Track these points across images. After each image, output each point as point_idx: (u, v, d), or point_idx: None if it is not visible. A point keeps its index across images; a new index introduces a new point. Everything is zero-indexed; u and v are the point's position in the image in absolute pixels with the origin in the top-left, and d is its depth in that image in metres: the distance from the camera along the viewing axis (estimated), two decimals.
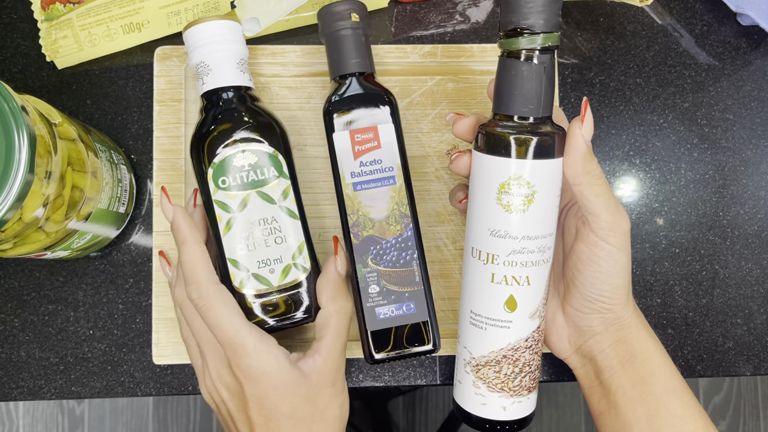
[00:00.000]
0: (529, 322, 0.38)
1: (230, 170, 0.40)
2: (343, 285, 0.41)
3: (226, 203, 0.40)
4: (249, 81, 0.42)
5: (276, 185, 0.40)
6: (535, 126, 0.36)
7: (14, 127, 0.33)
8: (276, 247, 0.40)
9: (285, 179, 0.41)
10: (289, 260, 0.40)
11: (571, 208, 0.41)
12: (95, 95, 0.49)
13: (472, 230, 0.38)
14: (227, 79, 0.41)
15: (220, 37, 0.41)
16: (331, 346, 0.39)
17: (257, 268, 0.40)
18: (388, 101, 0.41)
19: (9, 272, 0.48)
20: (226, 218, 0.40)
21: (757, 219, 0.51)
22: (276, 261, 0.40)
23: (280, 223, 0.40)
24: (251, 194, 0.40)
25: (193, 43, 0.41)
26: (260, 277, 0.40)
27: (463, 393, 0.40)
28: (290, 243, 0.40)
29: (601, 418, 0.40)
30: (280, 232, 0.40)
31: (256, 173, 0.40)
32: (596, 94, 0.51)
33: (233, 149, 0.40)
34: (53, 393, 0.47)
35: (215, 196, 0.40)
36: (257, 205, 0.40)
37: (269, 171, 0.40)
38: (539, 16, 0.34)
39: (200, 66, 0.41)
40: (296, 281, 0.40)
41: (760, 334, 0.50)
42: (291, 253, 0.40)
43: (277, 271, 0.40)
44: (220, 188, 0.40)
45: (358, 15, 0.42)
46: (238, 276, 0.40)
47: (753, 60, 0.52)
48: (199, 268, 0.38)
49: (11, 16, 0.50)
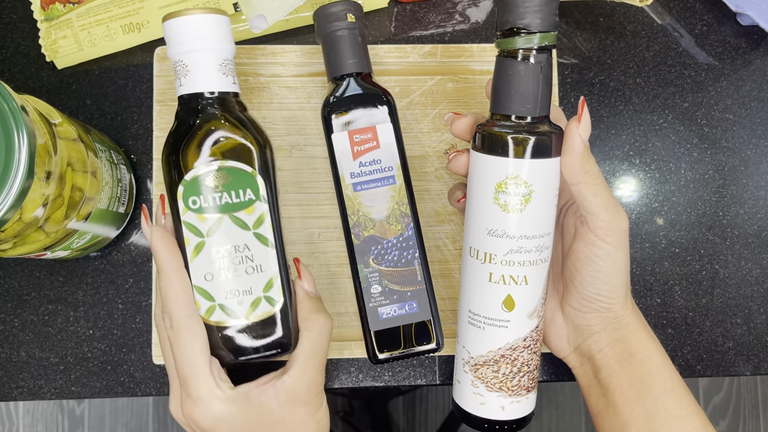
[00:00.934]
0: (527, 322, 0.38)
1: (203, 190, 0.36)
2: (312, 303, 0.39)
3: (196, 226, 0.37)
4: (233, 84, 0.38)
5: (252, 210, 0.37)
6: (532, 125, 0.36)
7: (14, 127, 0.33)
8: (246, 278, 0.37)
9: (262, 203, 0.37)
10: (259, 292, 0.37)
11: (570, 208, 0.41)
12: (95, 95, 0.50)
13: (469, 230, 0.38)
14: (207, 83, 0.37)
15: (202, 34, 0.37)
16: (304, 366, 0.37)
17: (224, 299, 0.37)
18: (386, 101, 0.41)
19: (9, 272, 0.48)
20: (194, 242, 0.37)
21: (756, 219, 0.51)
22: (245, 293, 0.37)
23: (252, 252, 0.37)
24: (223, 218, 0.36)
25: (172, 37, 0.37)
26: (227, 309, 0.37)
27: (461, 393, 0.40)
28: (262, 274, 0.37)
29: (599, 417, 0.40)
30: (252, 261, 0.37)
31: (231, 195, 0.36)
32: (596, 94, 0.51)
33: (207, 167, 0.36)
34: (53, 393, 0.47)
35: (184, 217, 0.36)
36: (229, 231, 0.37)
37: (245, 193, 0.37)
38: (536, 16, 0.34)
39: (178, 65, 0.37)
40: (266, 315, 0.37)
41: (760, 334, 0.50)
42: (262, 284, 0.37)
43: (245, 303, 0.37)
44: (190, 209, 0.36)
45: (354, 15, 0.42)
46: (204, 305, 0.37)
47: (753, 60, 0.52)
48: (174, 298, 0.36)
49: (11, 16, 0.50)
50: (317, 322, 0.38)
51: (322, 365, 0.39)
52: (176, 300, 0.36)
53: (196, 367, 0.36)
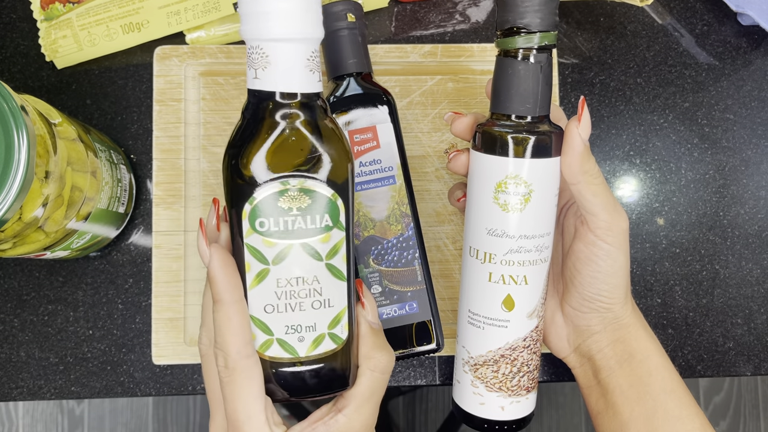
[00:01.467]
0: (527, 322, 0.38)
1: (274, 212, 0.31)
2: (376, 338, 0.35)
3: (261, 251, 0.32)
4: (318, 83, 0.31)
5: (327, 238, 0.32)
6: (532, 125, 0.36)
7: (14, 127, 0.33)
8: (312, 312, 0.32)
9: (340, 231, 0.32)
10: (323, 329, 0.33)
11: (570, 208, 0.41)
12: (95, 95, 0.49)
13: (469, 229, 0.38)
14: (290, 82, 0.30)
15: (293, 19, 0.29)
16: (360, 406, 0.34)
17: (284, 333, 0.33)
18: (386, 101, 0.41)
19: (8, 272, 0.48)
20: (257, 269, 0.32)
21: (757, 219, 0.50)
22: (308, 329, 0.33)
23: (322, 285, 0.32)
24: (294, 245, 0.31)
25: (252, 14, 0.29)
26: (285, 344, 0.33)
27: (461, 393, 0.40)
28: (330, 309, 0.33)
29: (599, 417, 0.40)
30: (320, 295, 0.32)
31: (305, 221, 0.31)
32: (596, 94, 0.51)
33: (281, 185, 0.31)
34: (53, 393, 0.47)
35: (248, 240, 0.31)
36: (299, 260, 0.32)
37: (322, 219, 0.31)
38: (536, 15, 0.34)
39: (255, 51, 0.30)
40: (327, 353, 0.33)
41: (761, 334, 0.50)
42: (328, 321, 0.33)
43: (307, 340, 0.33)
44: (256, 231, 0.31)
45: (354, 15, 0.42)
46: (260, 338, 0.33)
47: (753, 60, 0.52)
48: (233, 335, 0.32)
49: (10, 16, 0.50)
50: (380, 361, 0.35)
51: (378, 406, 0.36)
52: (234, 337, 0.32)
53: (252, 413, 0.33)
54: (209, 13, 0.48)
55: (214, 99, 0.48)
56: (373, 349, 0.35)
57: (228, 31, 0.49)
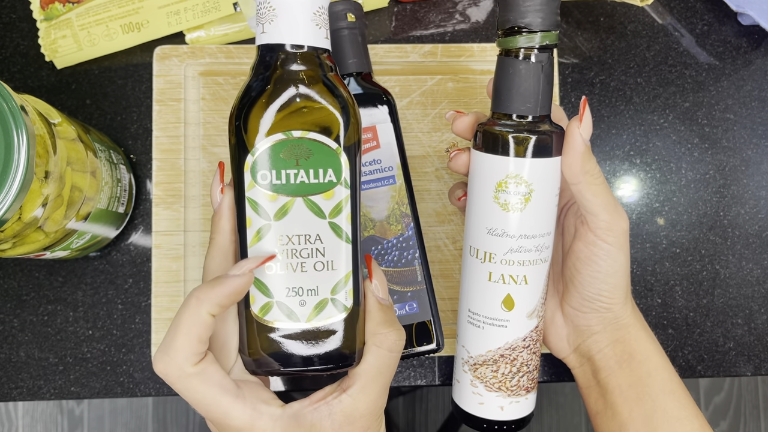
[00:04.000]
0: (526, 322, 0.38)
1: (275, 163, 0.31)
2: (384, 314, 0.33)
3: (263, 206, 0.31)
4: (325, 39, 0.32)
5: (331, 194, 0.31)
6: (533, 125, 0.36)
7: (13, 127, 0.33)
8: (314, 274, 0.31)
9: (343, 188, 0.31)
10: (326, 293, 0.31)
11: (570, 208, 0.41)
12: (94, 95, 0.49)
13: (470, 229, 0.38)
14: (296, 34, 0.31)
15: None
16: (367, 386, 0.32)
17: (285, 296, 0.31)
18: (386, 101, 0.41)
19: (8, 272, 0.48)
20: (258, 224, 0.31)
21: (757, 219, 0.50)
22: (310, 292, 0.31)
23: (325, 245, 0.31)
24: (296, 201, 0.31)
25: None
26: (286, 308, 0.31)
27: (461, 392, 0.40)
28: (333, 272, 0.32)
29: (598, 417, 0.40)
30: (323, 256, 0.31)
31: (308, 174, 0.31)
32: (597, 94, 0.51)
33: (284, 135, 0.30)
34: (52, 393, 0.47)
35: (249, 193, 0.31)
36: (301, 216, 0.31)
37: (326, 174, 0.31)
38: (537, 15, 0.34)
39: (263, 6, 0.31)
40: (330, 320, 0.32)
41: (761, 335, 0.49)
42: (331, 284, 0.32)
43: (309, 304, 0.31)
44: (258, 184, 0.31)
45: (354, 15, 0.42)
46: (260, 300, 0.31)
47: (754, 60, 0.52)
48: (182, 337, 0.30)
49: (10, 16, 0.50)
50: (388, 337, 0.33)
51: (387, 386, 0.34)
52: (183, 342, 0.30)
53: (225, 405, 0.31)
54: (209, 13, 0.48)
55: (213, 99, 0.48)
56: (381, 324, 0.33)
57: (228, 31, 0.49)
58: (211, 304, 0.30)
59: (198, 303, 0.30)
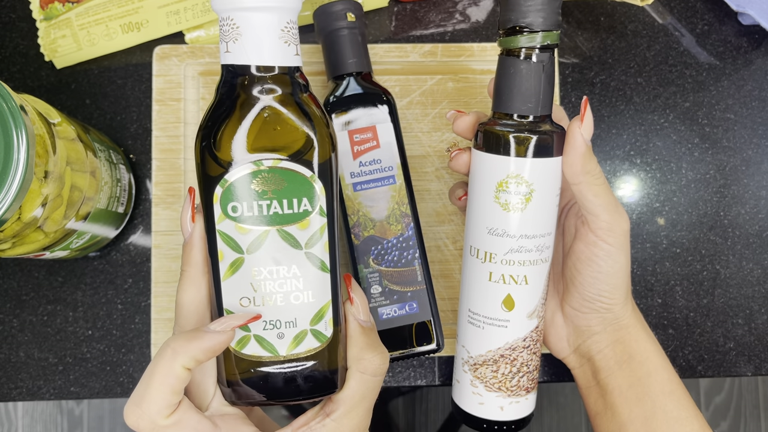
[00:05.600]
0: (526, 322, 0.38)
1: (246, 195, 0.29)
2: (367, 338, 0.33)
3: (234, 239, 0.30)
4: (295, 56, 0.30)
5: (306, 224, 0.30)
6: (534, 125, 0.36)
7: (13, 127, 0.33)
8: (292, 307, 0.30)
9: (320, 216, 0.30)
10: (305, 325, 0.30)
11: (571, 208, 0.41)
12: (94, 95, 0.49)
13: (470, 229, 0.38)
14: (263, 54, 0.29)
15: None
16: (350, 411, 0.32)
17: (262, 329, 0.30)
18: (386, 100, 0.41)
19: (8, 272, 0.48)
20: (231, 258, 0.30)
21: (758, 219, 0.50)
22: (288, 324, 0.30)
23: (302, 275, 0.30)
24: (270, 232, 0.29)
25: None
26: (264, 342, 0.30)
27: (461, 392, 0.40)
28: (311, 303, 0.30)
29: (598, 418, 0.40)
30: (301, 288, 0.30)
31: (282, 205, 0.29)
32: (597, 94, 0.51)
33: (255, 165, 0.29)
34: (52, 393, 0.47)
35: (220, 226, 0.30)
36: (276, 248, 0.30)
37: (300, 204, 0.30)
38: (538, 15, 0.34)
39: (226, 23, 0.29)
40: (310, 352, 0.31)
41: (761, 335, 0.49)
42: (310, 316, 0.30)
43: (287, 336, 0.30)
44: (228, 216, 0.29)
45: (354, 15, 0.41)
46: (237, 334, 0.30)
47: (754, 59, 0.52)
48: (155, 390, 0.29)
49: (10, 16, 0.50)
50: (372, 363, 0.32)
51: (371, 409, 0.33)
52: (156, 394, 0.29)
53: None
54: (209, 13, 0.48)
55: None
56: (364, 349, 0.32)
57: None
58: (187, 357, 0.28)
59: (173, 355, 0.28)
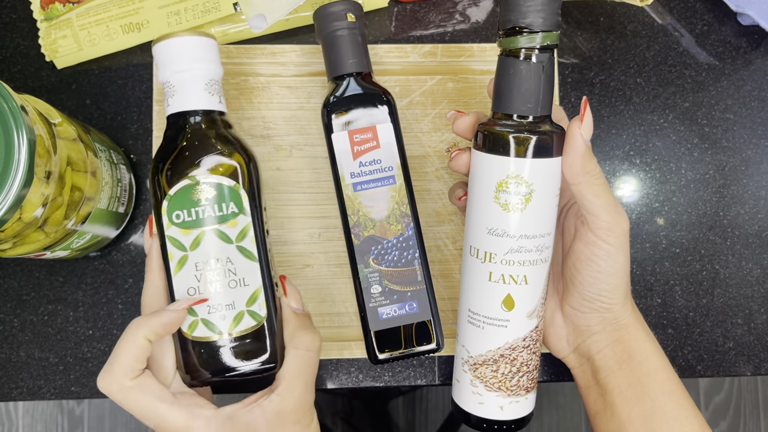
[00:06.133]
0: (526, 322, 0.38)
1: (186, 204, 0.37)
2: (299, 320, 0.39)
3: (179, 240, 0.37)
4: (219, 104, 0.39)
5: (234, 223, 0.37)
6: (534, 125, 0.36)
7: (14, 127, 0.33)
8: (229, 291, 0.37)
9: (246, 216, 0.37)
10: (242, 306, 0.37)
11: (571, 208, 0.41)
12: (95, 95, 0.49)
13: (470, 229, 0.38)
14: (192, 102, 0.38)
15: (187, 56, 0.38)
16: (291, 384, 0.37)
17: (207, 313, 0.37)
18: (386, 101, 0.41)
19: (8, 272, 0.48)
20: (178, 256, 0.37)
21: (757, 219, 0.50)
22: (228, 306, 0.37)
23: (235, 265, 0.37)
24: (206, 231, 0.37)
25: (160, 60, 0.39)
26: (209, 324, 0.37)
27: (461, 392, 0.40)
28: (246, 288, 0.37)
29: (597, 417, 0.40)
30: (235, 275, 0.37)
31: (214, 209, 0.37)
32: (596, 94, 0.51)
33: (189, 180, 0.37)
34: (53, 393, 0.47)
35: (168, 231, 0.37)
36: (212, 244, 0.37)
37: (228, 207, 0.37)
38: (538, 15, 0.34)
39: (166, 86, 0.39)
40: (249, 329, 0.37)
41: (761, 334, 0.50)
42: (245, 298, 0.37)
43: (228, 317, 0.37)
44: (173, 223, 0.37)
45: (354, 15, 0.42)
46: (187, 320, 0.37)
47: (753, 60, 0.52)
48: (122, 357, 0.35)
49: (10, 16, 0.50)
50: (304, 339, 0.38)
51: (311, 383, 0.38)
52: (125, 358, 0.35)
53: (162, 411, 0.35)
54: (209, 13, 0.48)
55: None
56: (297, 329, 0.38)
57: (228, 31, 0.49)
58: (148, 330, 0.35)
59: (136, 329, 0.35)
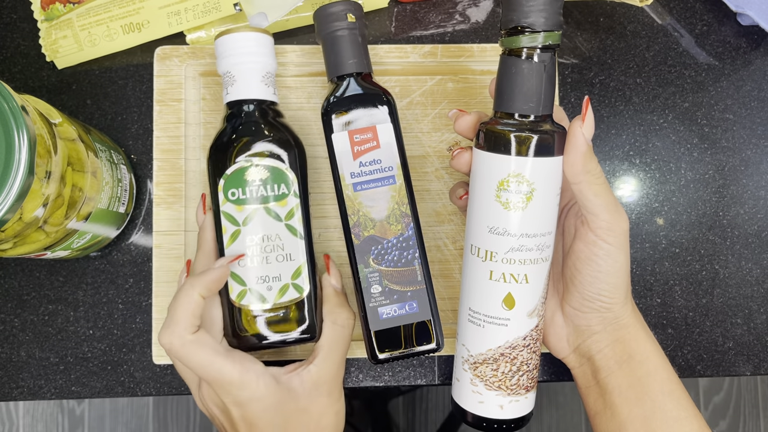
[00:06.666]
0: (527, 321, 0.38)
1: (241, 183, 0.40)
2: (338, 298, 0.42)
3: (233, 215, 0.40)
4: (273, 95, 0.42)
5: (285, 203, 0.40)
6: (535, 124, 0.36)
7: (14, 127, 0.33)
8: (276, 265, 0.40)
9: (294, 198, 0.41)
10: (287, 279, 0.40)
11: (571, 208, 0.41)
12: (95, 95, 0.49)
13: (471, 227, 0.38)
14: (250, 92, 0.41)
15: (248, 49, 0.41)
16: (326, 357, 0.40)
17: (255, 284, 0.40)
18: (386, 101, 0.41)
19: (9, 272, 0.48)
20: (231, 230, 0.40)
21: (757, 219, 0.51)
22: (275, 279, 0.40)
23: (283, 241, 0.40)
24: (258, 209, 0.40)
25: (222, 52, 0.42)
26: (257, 293, 0.40)
27: (460, 391, 0.40)
28: (291, 262, 0.40)
29: (597, 417, 0.40)
30: (283, 251, 0.40)
31: (266, 189, 0.40)
32: (596, 94, 0.51)
33: (246, 162, 0.40)
34: (53, 393, 0.47)
35: (223, 207, 0.40)
36: (263, 221, 0.40)
37: (279, 188, 0.40)
38: (540, 15, 0.34)
39: (226, 76, 0.42)
40: (293, 300, 0.40)
41: (760, 334, 0.50)
42: (291, 272, 0.40)
43: (274, 288, 0.40)
44: (229, 200, 0.40)
45: (354, 15, 0.42)
46: (236, 289, 0.40)
47: (753, 60, 0.52)
48: (181, 313, 0.37)
49: (11, 16, 0.50)
50: (341, 315, 0.41)
51: (343, 358, 0.41)
52: (183, 315, 0.38)
53: (218, 363, 0.37)
54: (210, 14, 0.48)
55: (214, 99, 0.48)
56: (335, 306, 0.41)
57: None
58: (202, 287, 0.38)
59: (191, 287, 0.38)
